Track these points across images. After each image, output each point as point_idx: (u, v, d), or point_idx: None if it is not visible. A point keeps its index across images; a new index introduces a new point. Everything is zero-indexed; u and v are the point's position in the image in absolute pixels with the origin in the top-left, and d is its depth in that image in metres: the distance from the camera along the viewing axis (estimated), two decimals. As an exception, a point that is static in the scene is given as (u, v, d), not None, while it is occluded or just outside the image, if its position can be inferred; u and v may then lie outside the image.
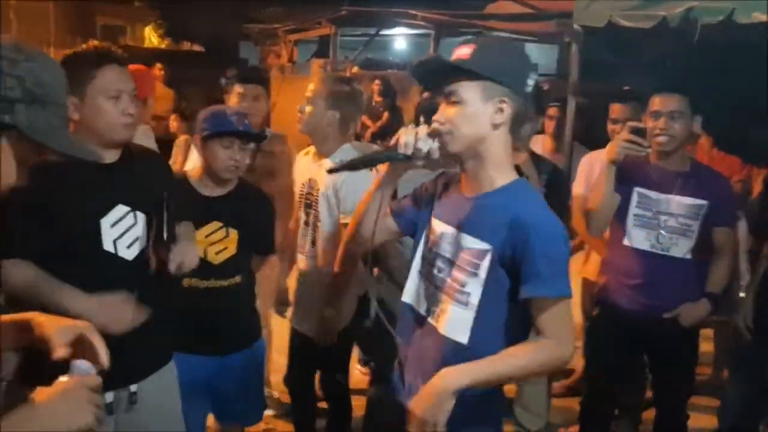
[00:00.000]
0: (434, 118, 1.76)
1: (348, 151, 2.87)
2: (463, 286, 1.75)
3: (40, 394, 1.19)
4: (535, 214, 1.71)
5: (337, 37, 10.89)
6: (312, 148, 3.03)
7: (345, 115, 2.89)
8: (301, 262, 3.02)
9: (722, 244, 2.89)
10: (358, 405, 3.19)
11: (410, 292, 1.94)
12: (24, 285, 1.98)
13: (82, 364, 1.31)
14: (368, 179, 2.72)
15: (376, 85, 8.74)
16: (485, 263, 1.71)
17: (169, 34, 17.47)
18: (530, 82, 1.76)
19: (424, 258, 1.91)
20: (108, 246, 2.06)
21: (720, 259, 2.90)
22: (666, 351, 2.97)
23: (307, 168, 2.99)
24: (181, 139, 4.30)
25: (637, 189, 2.91)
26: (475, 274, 1.73)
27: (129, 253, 2.09)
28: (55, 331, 1.37)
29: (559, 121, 4.10)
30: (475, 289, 1.73)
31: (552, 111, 4.19)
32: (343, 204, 2.76)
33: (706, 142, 4.24)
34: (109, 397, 2.09)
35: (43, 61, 1.14)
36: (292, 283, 3.15)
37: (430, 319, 1.84)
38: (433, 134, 1.74)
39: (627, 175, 2.86)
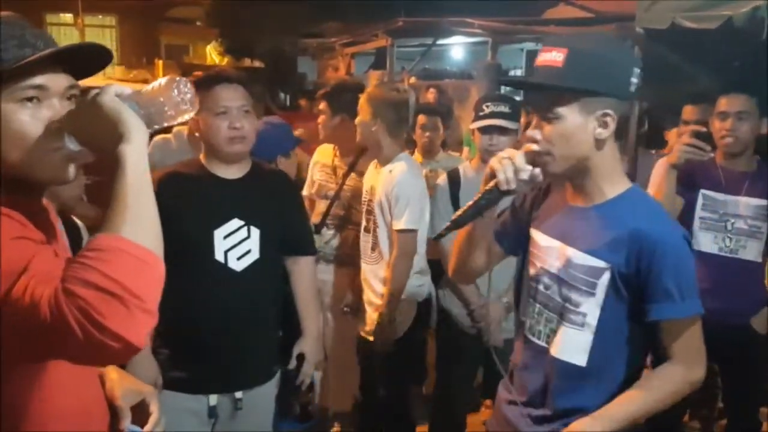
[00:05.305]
0: (527, 134, 1.55)
1: (404, 160, 2.90)
2: (577, 306, 1.57)
3: None
4: (657, 226, 1.53)
5: (393, 49, 10.92)
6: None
7: (390, 122, 2.90)
8: (364, 267, 3.03)
9: None
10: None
11: (522, 309, 1.75)
12: None
13: (134, 429, 1.33)
14: (420, 186, 2.84)
15: (431, 93, 8.73)
16: (602, 282, 1.54)
17: (229, 51, 17.81)
18: (634, 80, 1.53)
19: (527, 274, 1.72)
20: (219, 256, 2.15)
21: None
22: (736, 358, 2.85)
23: (371, 176, 3.04)
24: None
25: (703, 191, 2.84)
26: (591, 294, 1.55)
27: (238, 265, 2.17)
28: (123, 392, 1.37)
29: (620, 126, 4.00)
30: (591, 310, 1.55)
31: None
32: (394, 210, 2.80)
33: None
34: (213, 400, 2.18)
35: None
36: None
37: (536, 339, 1.67)
38: (530, 156, 1.52)
39: (692, 178, 2.79)
